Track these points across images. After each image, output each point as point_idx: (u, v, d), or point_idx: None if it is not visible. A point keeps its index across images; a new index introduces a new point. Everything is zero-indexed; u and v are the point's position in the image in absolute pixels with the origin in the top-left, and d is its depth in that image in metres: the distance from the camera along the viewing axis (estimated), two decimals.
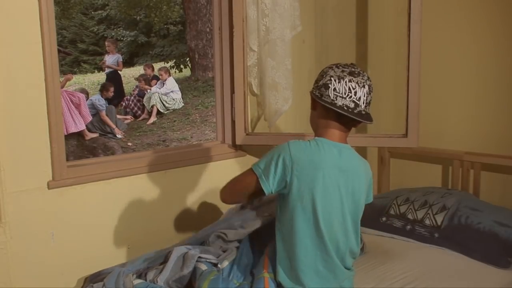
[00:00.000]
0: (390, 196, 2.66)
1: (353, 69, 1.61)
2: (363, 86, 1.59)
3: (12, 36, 1.88)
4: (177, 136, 7.66)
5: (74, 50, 15.81)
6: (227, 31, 2.52)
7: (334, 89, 1.58)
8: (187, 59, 11.82)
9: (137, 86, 8.98)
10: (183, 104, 8.81)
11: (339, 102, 1.58)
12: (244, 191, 1.69)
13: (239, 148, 2.64)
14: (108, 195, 2.19)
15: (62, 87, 6.70)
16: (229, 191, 1.74)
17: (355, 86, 1.58)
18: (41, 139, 1.99)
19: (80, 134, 6.51)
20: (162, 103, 8.43)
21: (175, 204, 2.42)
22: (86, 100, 6.96)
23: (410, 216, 2.46)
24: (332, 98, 1.58)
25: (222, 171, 2.55)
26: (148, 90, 8.55)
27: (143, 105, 8.47)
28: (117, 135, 7.33)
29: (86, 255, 2.13)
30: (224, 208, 2.58)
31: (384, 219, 2.54)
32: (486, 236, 2.24)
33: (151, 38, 15.93)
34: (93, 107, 7.16)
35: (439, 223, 2.36)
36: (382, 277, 2.06)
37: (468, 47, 2.76)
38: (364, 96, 1.59)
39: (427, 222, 2.40)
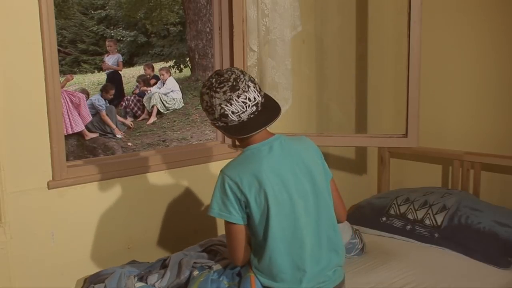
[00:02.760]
0: (390, 196, 2.67)
1: (227, 83, 1.55)
2: (248, 87, 1.56)
3: (12, 36, 1.88)
4: (177, 136, 7.67)
5: (74, 50, 15.80)
6: (227, 31, 2.52)
7: (233, 112, 1.54)
8: (187, 59, 11.82)
9: (137, 86, 8.99)
10: (183, 104, 8.81)
11: (244, 116, 1.55)
12: (243, 241, 1.63)
13: (239, 148, 2.63)
14: (108, 195, 2.19)
15: (62, 87, 6.70)
16: (237, 253, 1.65)
17: (243, 94, 1.54)
18: (41, 139, 1.98)
19: (80, 134, 6.51)
20: (163, 103, 8.43)
21: (175, 204, 2.42)
22: (86, 100, 6.96)
23: (410, 216, 2.46)
24: (237, 119, 1.55)
25: None
26: (149, 91, 8.55)
27: (143, 105, 8.48)
28: (117, 135, 7.34)
29: (86, 255, 2.13)
30: None
31: (384, 219, 2.54)
32: (486, 236, 2.24)
33: (151, 38, 15.94)
34: (93, 107, 7.17)
35: (439, 223, 2.36)
36: (382, 277, 2.06)
37: (468, 47, 2.76)
38: (255, 92, 1.57)
39: (427, 222, 2.40)
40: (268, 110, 1.60)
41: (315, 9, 2.90)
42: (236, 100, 1.54)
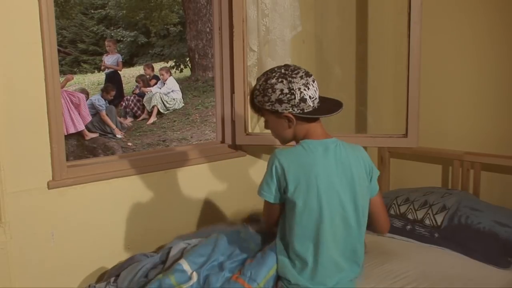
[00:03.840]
0: (390, 196, 2.66)
1: (300, 70, 1.61)
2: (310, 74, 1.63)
3: (12, 36, 1.88)
4: (177, 136, 7.67)
5: (74, 50, 15.82)
6: (227, 31, 2.52)
7: (310, 97, 1.59)
8: (187, 59, 11.83)
9: (137, 87, 8.99)
10: (183, 104, 8.81)
11: (316, 103, 1.61)
12: (276, 216, 1.74)
13: (239, 148, 2.63)
14: (108, 195, 2.19)
15: (62, 87, 6.70)
16: (268, 223, 1.80)
17: (315, 81, 1.62)
18: (41, 139, 1.99)
19: (80, 134, 6.51)
20: (163, 103, 8.44)
21: (175, 204, 2.42)
22: (86, 100, 6.96)
23: (410, 216, 2.46)
24: (312, 104, 1.60)
25: (222, 171, 2.55)
26: (149, 92, 8.55)
27: (143, 105, 8.48)
28: (117, 135, 7.34)
29: (86, 255, 2.13)
30: (223, 206, 2.58)
31: None
32: (486, 236, 2.24)
33: (151, 38, 15.95)
34: (93, 107, 7.17)
35: (439, 223, 2.36)
36: (382, 277, 2.06)
37: (468, 47, 2.76)
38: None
39: (427, 222, 2.40)
40: (325, 99, 1.66)
41: (315, 9, 2.90)
42: (312, 84, 1.59)
